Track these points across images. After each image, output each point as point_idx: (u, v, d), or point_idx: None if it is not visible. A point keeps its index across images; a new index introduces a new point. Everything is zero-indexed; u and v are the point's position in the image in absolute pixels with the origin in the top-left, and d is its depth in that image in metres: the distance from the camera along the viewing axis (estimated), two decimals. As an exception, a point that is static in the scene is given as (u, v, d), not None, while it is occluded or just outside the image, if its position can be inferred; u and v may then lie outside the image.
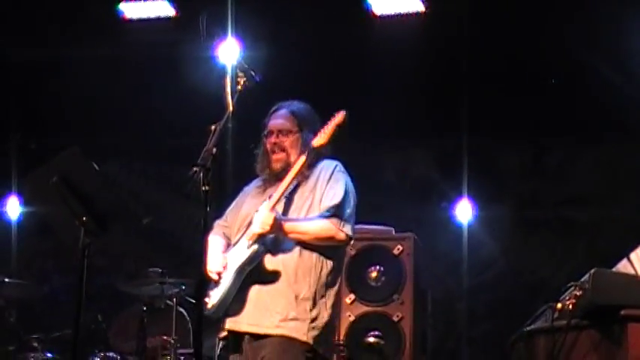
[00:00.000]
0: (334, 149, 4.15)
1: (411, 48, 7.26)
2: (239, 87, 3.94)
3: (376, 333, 5.59)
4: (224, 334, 3.97)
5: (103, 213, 3.90)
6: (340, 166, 4.09)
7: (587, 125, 7.59)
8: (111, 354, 5.90)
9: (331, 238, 3.95)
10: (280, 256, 3.91)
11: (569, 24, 7.06)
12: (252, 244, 3.88)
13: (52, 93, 7.55)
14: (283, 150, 4.07)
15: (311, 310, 3.87)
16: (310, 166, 4.03)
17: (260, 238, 3.87)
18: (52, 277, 7.96)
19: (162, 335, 6.03)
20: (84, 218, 3.85)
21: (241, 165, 7.72)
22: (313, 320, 3.86)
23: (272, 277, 3.88)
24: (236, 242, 4.02)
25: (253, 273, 3.90)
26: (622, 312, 3.00)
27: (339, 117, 3.97)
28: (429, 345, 6.56)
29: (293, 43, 7.21)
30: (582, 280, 3.19)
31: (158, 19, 7.20)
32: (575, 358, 3.14)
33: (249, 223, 3.97)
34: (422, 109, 7.41)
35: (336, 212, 3.94)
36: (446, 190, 7.87)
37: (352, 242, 4.33)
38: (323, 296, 3.92)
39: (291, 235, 3.89)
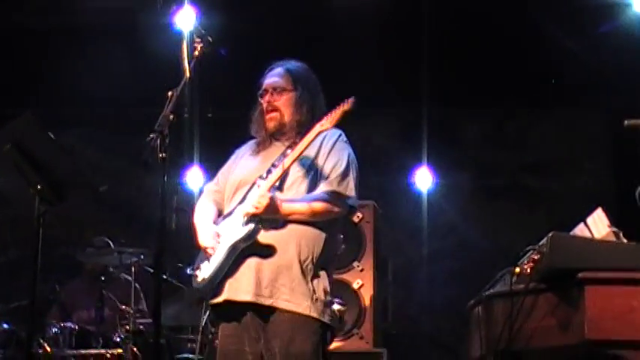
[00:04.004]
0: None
1: (372, 17, 7.23)
2: (196, 53, 3.86)
3: (337, 300, 5.59)
4: (217, 300, 3.81)
5: (59, 181, 3.84)
6: (343, 136, 3.96)
7: (546, 93, 7.63)
8: (69, 324, 5.84)
9: (331, 213, 3.82)
10: (275, 231, 3.77)
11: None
12: (247, 222, 3.76)
13: (8, 62, 7.42)
14: (277, 109, 3.95)
15: (312, 282, 3.75)
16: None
17: (255, 216, 3.74)
18: (8, 247, 7.88)
19: (121, 305, 6.00)
20: (39, 186, 3.79)
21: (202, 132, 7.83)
22: (316, 293, 3.74)
23: (267, 251, 3.75)
24: (230, 212, 3.89)
25: (249, 246, 3.76)
26: (579, 275, 3.01)
27: (348, 104, 3.77)
28: (390, 311, 6.61)
29: (250, 11, 7.15)
30: (540, 243, 3.20)
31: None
32: (534, 321, 3.15)
33: (247, 193, 3.85)
34: (382, 78, 7.39)
35: (338, 184, 3.81)
36: (406, 158, 7.88)
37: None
38: (322, 268, 3.81)
39: (290, 217, 3.76)
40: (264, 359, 3.75)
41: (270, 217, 3.75)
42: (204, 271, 3.84)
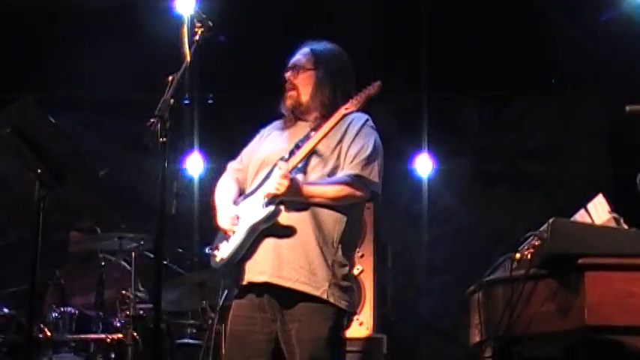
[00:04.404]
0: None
1: (370, 2, 7.21)
2: (196, 37, 3.84)
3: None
4: (243, 284, 3.81)
5: (59, 165, 3.83)
6: (370, 121, 3.94)
7: (544, 79, 7.63)
8: (69, 309, 5.85)
9: (353, 197, 3.78)
10: (295, 213, 3.75)
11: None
12: (267, 204, 3.74)
13: (5, 45, 7.40)
14: (295, 87, 3.94)
15: (331, 266, 3.72)
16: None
17: (276, 198, 3.73)
18: (7, 232, 7.88)
19: (121, 290, 6.01)
20: (38, 170, 3.78)
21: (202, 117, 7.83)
22: (335, 277, 3.72)
23: (287, 232, 3.73)
24: (251, 192, 3.88)
25: (269, 228, 3.75)
26: (579, 261, 3.02)
27: (374, 88, 3.82)
28: (389, 297, 6.62)
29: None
30: (541, 229, 3.20)
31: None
32: (534, 307, 3.16)
33: (268, 174, 3.83)
34: (381, 65, 7.37)
35: (362, 168, 3.78)
36: (405, 144, 7.88)
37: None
38: (343, 252, 3.77)
39: (311, 200, 3.73)
40: (280, 340, 3.74)
41: (291, 199, 3.73)
42: (223, 251, 3.83)
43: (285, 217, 3.76)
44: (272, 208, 3.73)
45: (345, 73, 4.00)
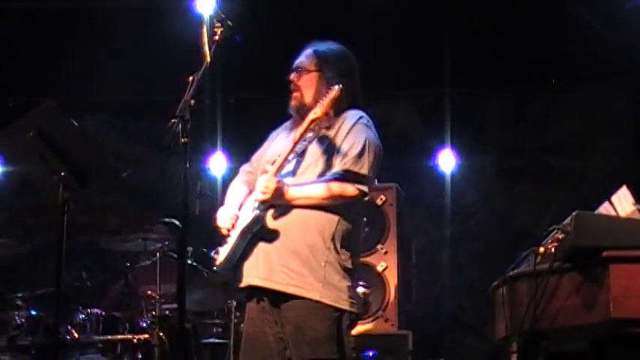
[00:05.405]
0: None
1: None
2: (216, 37, 3.85)
3: (361, 283, 5.59)
4: (241, 285, 3.86)
5: (82, 167, 3.85)
6: (365, 118, 3.89)
7: (566, 72, 7.58)
8: (96, 310, 5.90)
9: (342, 197, 3.75)
10: (284, 217, 3.76)
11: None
12: (256, 209, 3.78)
13: (28, 48, 7.45)
14: (298, 89, 3.95)
15: (324, 267, 3.70)
16: (334, 115, 3.83)
17: (264, 203, 3.76)
18: (33, 235, 7.92)
19: (147, 290, 6.04)
20: (62, 173, 3.81)
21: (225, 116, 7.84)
22: (327, 277, 3.69)
23: (277, 236, 3.74)
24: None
25: (260, 232, 3.78)
26: (604, 253, 3.00)
27: (336, 91, 3.75)
28: (414, 293, 6.62)
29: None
30: (564, 223, 3.19)
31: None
32: (558, 301, 3.15)
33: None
34: (404, 60, 7.37)
35: (351, 165, 3.75)
36: (428, 140, 7.86)
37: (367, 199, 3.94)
38: (338, 251, 3.74)
39: (296, 202, 3.75)
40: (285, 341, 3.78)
41: (278, 202, 3.76)
42: (222, 255, 3.87)
43: (276, 221, 3.77)
44: (257, 212, 3.77)
45: (349, 74, 3.96)
